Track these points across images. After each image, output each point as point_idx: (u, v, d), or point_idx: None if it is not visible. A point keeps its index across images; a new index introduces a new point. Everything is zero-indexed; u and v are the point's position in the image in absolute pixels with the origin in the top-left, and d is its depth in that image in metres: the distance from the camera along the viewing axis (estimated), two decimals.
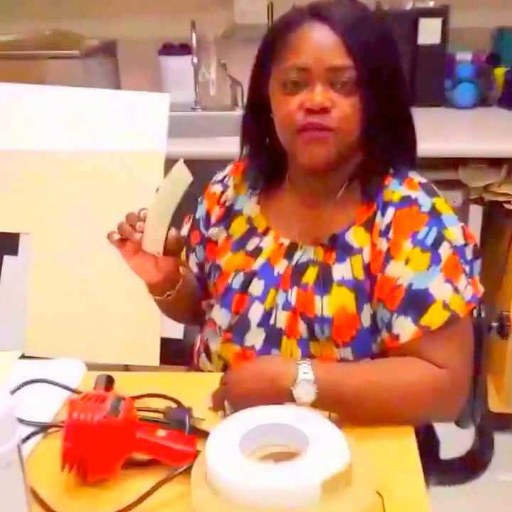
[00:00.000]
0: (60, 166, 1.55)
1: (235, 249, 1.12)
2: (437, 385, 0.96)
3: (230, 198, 1.16)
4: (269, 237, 1.10)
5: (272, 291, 1.07)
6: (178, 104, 2.38)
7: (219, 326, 1.12)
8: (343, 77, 0.96)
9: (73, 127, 1.54)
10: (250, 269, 1.09)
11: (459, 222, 1.02)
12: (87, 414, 0.84)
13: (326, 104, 0.96)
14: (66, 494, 0.86)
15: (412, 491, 0.86)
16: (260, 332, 1.08)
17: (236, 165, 1.19)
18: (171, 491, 0.84)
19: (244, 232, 1.12)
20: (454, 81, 2.32)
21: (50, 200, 1.56)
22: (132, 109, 1.53)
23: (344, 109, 0.97)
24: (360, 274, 1.02)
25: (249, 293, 1.09)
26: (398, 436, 0.95)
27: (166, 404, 1.00)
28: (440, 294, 0.97)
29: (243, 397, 0.93)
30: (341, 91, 0.97)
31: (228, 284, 1.10)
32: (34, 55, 2.12)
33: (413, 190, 1.02)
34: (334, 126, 0.97)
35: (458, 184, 2.01)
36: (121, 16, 2.46)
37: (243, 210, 1.14)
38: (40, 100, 1.56)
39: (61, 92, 1.57)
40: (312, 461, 0.76)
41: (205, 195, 1.21)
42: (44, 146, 1.54)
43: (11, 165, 1.56)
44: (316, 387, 0.92)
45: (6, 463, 0.69)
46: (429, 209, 1.00)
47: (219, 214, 1.16)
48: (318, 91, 0.96)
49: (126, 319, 1.56)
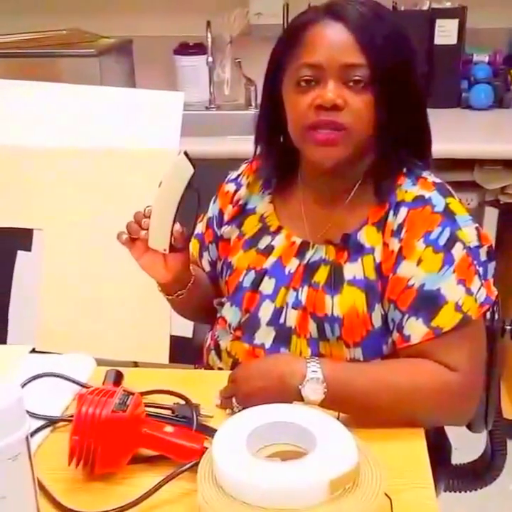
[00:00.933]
0: (74, 162, 1.56)
1: (247, 248, 1.12)
2: (448, 388, 0.95)
3: (243, 197, 1.16)
4: (281, 235, 1.10)
5: (283, 289, 1.07)
6: (193, 103, 2.40)
7: (229, 323, 1.12)
8: (355, 75, 0.96)
9: (87, 124, 1.55)
10: (261, 267, 1.09)
11: (473, 223, 1.01)
12: (95, 408, 0.84)
13: (338, 101, 0.95)
14: (73, 488, 0.87)
15: (422, 494, 0.85)
16: (270, 330, 1.07)
17: (250, 164, 1.19)
18: (177, 487, 0.84)
19: (257, 230, 1.12)
20: (470, 82, 2.30)
21: (63, 197, 1.57)
22: (146, 107, 1.54)
23: (357, 106, 0.96)
24: (372, 274, 1.01)
25: (259, 291, 1.08)
26: (408, 438, 0.94)
27: (174, 401, 1.00)
28: (452, 295, 0.96)
29: (251, 394, 0.93)
30: (354, 89, 0.96)
31: (239, 282, 1.10)
32: (50, 53, 2.13)
33: (427, 190, 1.01)
34: (346, 125, 0.96)
35: (473, 186, 1.99)
36: (138, 15, 2.46)
37: (256, 208, 1.14)
38: (55, 97, 1.57)
39: (75, 90, 1.58)
40: (320, 460, 0.76)
41: (218, 195, 1.21)
42: (59, 142, 1.55)
43: (26, 161, 1.57)
44: (325, 386, 0.91)
45: (13, 455, 0.69)
46: (443, 209, 0.99)
47: (232, 212, 1.16)
48: (331, 88, 0.96)
49: (137, 316, 1.56)
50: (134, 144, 1.52)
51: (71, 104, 1.57)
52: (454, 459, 1.29)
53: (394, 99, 0.97)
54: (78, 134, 1.55)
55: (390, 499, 0.81)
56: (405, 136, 1.02)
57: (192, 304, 1.16)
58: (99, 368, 1.11)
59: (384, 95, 0.96)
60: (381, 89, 0.96)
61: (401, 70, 0.98)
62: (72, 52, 2.13)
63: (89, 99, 1.57)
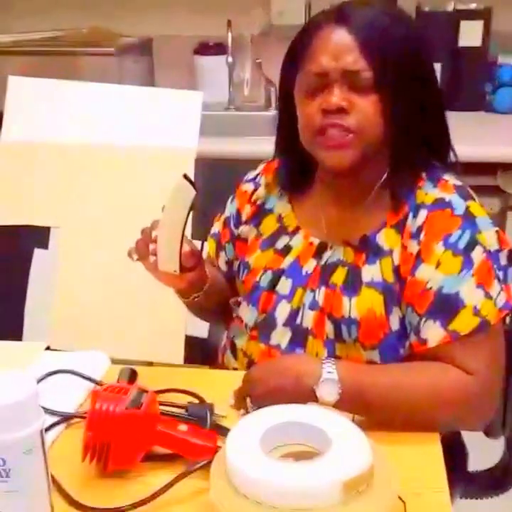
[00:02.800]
0: (92, 160, 1.56)
1: (265, 247, 1.11)
2: (466, 392, 0.93)
3: (261, 197, 1.16)
4: (299, 236, 1.10)
5: (300, 290, 1.07)
6: (212, 103, 2.40)
7: (245, 323, 1.12)
8: (360, 80, 0.96)
9: (106, 122, 1.55)
10: (279, 267, 1.09)
11: (493, 227, 1.00)
12: (110, 404, 0.84)
13: (342, 104, 0.96)
14: (86, 484, 0.87)
15: (436, 498, 0.84)
16: (286, 331, 1.07)
17: (268, 164, 1.18)
18: (189, 485, 0.84)
19: (275, 230, 1.12)
20: (494, 85, 2.28)
21: (81, 195, 1.57)
22: (165, 106, 1.54)
23: (363, 109, 0.96)
24: (390, 276, 1.00)
25: (276, 291, 1.08)
26: (423, 442, 0.93)
27: (188, 400, 1.00)
28: (471, 299, 0.95)
29: (266, 394, 0.93)
30: (360, 92, 0.96)
31: (256, 281, 1.10)
32: (69, 51, 2.14)
33: (447, 192, 1.00)
34: (354, 128, 0.96)
35: (496, 190, 1.97)
36: (159, 14, 2.47)
37: (274, 208, 1.14)
38: (74, 95, 1.58)
39: (95, 88, 1.58)
40: (333, 461, 0.75)
41: (236, 194, 1.20)
42: (77, 140, 1.56)
43: (44, 158, 1.57)
44: (340, 387, 0.91)
45: (28, 448, 0.69)
46: (463, 212, 0.98)
47: (250, 212, 1.16)
48: (336, 92, 0.96)
49: (152, 316, 1.56)
50: (152, 143, 1.52)
51: (89, 102, 1.57)
52: (473, 465, 1.28)
53: (402, 101, 0.97)
54: (94, 132, 1.55)
55: (404, 503, 0.81)
56: (422, 138, 1.01)
57: (208, 306, 1.16)
58: (113, 366, 1.12)
59: (391, 98, 0.96)
60: (387, 91, 0.96)
61: (410, 72, 0.98)
62: (91, 50, 2.14)
63: (107, 97, 1.57)
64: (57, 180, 1.58)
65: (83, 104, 1.58)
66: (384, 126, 0.98)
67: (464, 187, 1.02)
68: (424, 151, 1.03)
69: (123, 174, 1.56)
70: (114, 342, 1.56)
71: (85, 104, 1.58)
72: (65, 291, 1.61)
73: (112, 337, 1.58)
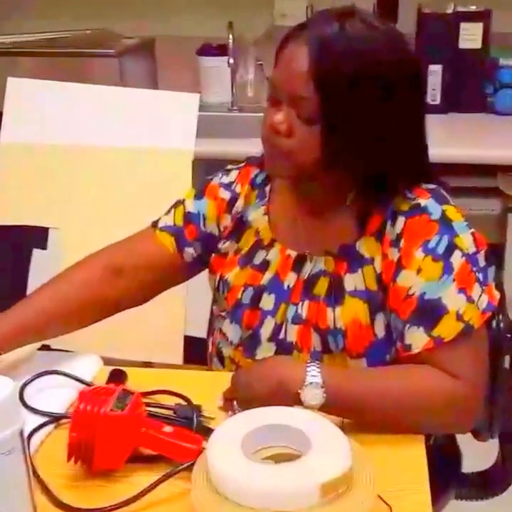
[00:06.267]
0: (90, 162, 1.57)
1: (243, 264, 1.10)
2: (450, 395, 0.94)
3: (241, 210, 1.13)
4: (275, 249, 1.08)
5: (283, 305, 1.06)
6: (215, 104, 2.41)
7: (230, 340, 1.11)
8: (304, 107, 0.93)
9: (104, 124, 1.57)
10: (259, 284, 1.08)
11: (469, 229, 1.00)
12: (94, 406, 0.85)
13: (280, 127, 0.95)
14: (72, 484, 0.87)
15: (416, 500, 0.85)
16: (271, 346, 1.07)
17: (242, 170, 1.16)
18: (174, 486, 0.85)
19: (252, 245, 1.10)
20: (495, 87, 2.27)
21: (80, 196, 1.59)
22: (162, 108, 1.55)
23: (301, 137, 0.95)
24: (373, 284, 1.00)
25: (260, 308, 1.07)
26: (408, 444, 0.93)
27: (176, 401, 1.00)
28: (453, 304, 0.95)
29: (251, 398, 0.93)
30: (303, 118, 0.94)
31: (238, 299, 1.09)
32: (73, 52, 2.15)
33: (422, 197, 1.00)
34: (286, 151, 0.96)
35: (497, 192, 1.97)
36: (162, 16, 2.48)
37: (252, 222, 1.11)
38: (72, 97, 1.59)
39: (93, 90, 1.59)
40: (312, 463, 0.76)
41: (206, 192, 1.16)
42: (76, 141, 1.57)
43: (43, 159, 1.59)
44: (324, 391, 0.91)
45: (6, 449, 0.70)
46: (439, 217, 0.98)
47: (231, 227, 1.13)
48: (281, 114, 0.95)
49: (151, 317, 1.57)
50: (149, 144, 1.53)
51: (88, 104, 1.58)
52: (469, 467, 1.28)
53: (346, 134, 0.93)
54: (93, 134, 1.56)
55: (389, 507, 0.81)
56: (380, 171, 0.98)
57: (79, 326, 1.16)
58: (105, 367, 1.12)
59: (332, 131, 0.93)
60: (333, 123, 0.93)
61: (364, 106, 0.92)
62: (94, 52, 2.15)
63: (106, 99, 1.59)
64: (55, 181, 1.60)
65: (81, 105, 1.59)
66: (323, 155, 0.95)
67: (438, 189, 1.02)
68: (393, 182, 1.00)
69: (121, 175, 1.57)
70: (114, 342, 1.57)
71: (83, 106, 1.59)
72: None
73: (112, 337, 1.59)
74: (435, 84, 2.24)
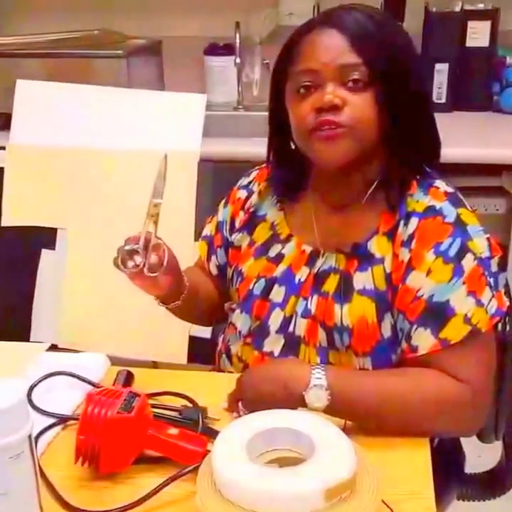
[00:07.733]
0: (98, 163, 1.58)
1: (257, 256, 1.12)
2: (456, 399, 0.94)
3: (255, 204, 1.16)
4: (291, 243, 1.10)
5: (293, 298, 1.07)
6: (221, 103, 2.41)
7: (239, 330, 1.13)
8: (353, 75, 0.96)
9: (111, 125, 1.57)
10: (271, 275, 1.09)
11: (484, 234, 1.00)
12: (101, 408, 0.86)
13: (336, 101, 0.96)
14: (78, 486, 0.89)
15: (421, 504, 0.85)
16: (279, 338, 1.08)
17: (261, 170, 1.19)
18: (180, 488, 0.85)
19: (267, 238, 1.13)
20: (502, 85, 2.26)
21: (88, 197, 1.60)
22: (169, 109, 1.55)
23: (357, 105, 0.97)
24: (382, 284, 1.01)
25: (270, 299, 1.09)
26: (412, 447, 0.93)
27: (182, 403, 1.01)
28: (462, 307, 0.95)
29: (256, 399, 0.94)
30: (353, 88, 0.97)
31: (249, 289, 1.11)
32: (80, 53, 2.15)
33: (438, 200, 1.00)
34: (347, 124, 0.97)
35: (502, 191, 1.96)
36: (168, 16, 2.48)
37: (267, 216, 1.14)
38: (83, 98, 1.60)
39: (100, 91, 1.60)
40: (316, 467, 0.76)
41: (229, 200, 1.21)
42: (84, 143, 1.58)
43: (52, 161, 1.60)
44: (329, 393, 0.91)
45: (15, 453, 0.71)
46: (454, 220, 0.98)
47: (243, 220, 1.17)
48: (329, 90, 0.97)
49: (156, 317, 1.58)
50: (155, 146, 1.53)
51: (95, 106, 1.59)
52: (472, 467, 1.28)
53: (394, 97, 0.98)
54: (100, 135, 1.57)
55: (391, 510, 0.81)
56: (412, 136, 1.01)
57: (192, 311, 1.18)
58: (113, 367, 1.13)
59: (384, 92, 0.97)
60: (381, 87, 0.97)
61: (400, 68, 0.99)
62: (99, 53, 2.15)
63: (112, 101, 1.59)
64: (64, 182, 1.60)
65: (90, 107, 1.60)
66: (377, 123, 0.98)
67: (455, 193, 1.03)
68: (418, 152, 1.03)
69: (127, 177, 1.57)
70: (120, 342, 1.58)
71: (92, 107, 1.60)
72: (72, 291, 1.63)
73: (118, 337, 1.60)
74: (441, 82, 2.24)
